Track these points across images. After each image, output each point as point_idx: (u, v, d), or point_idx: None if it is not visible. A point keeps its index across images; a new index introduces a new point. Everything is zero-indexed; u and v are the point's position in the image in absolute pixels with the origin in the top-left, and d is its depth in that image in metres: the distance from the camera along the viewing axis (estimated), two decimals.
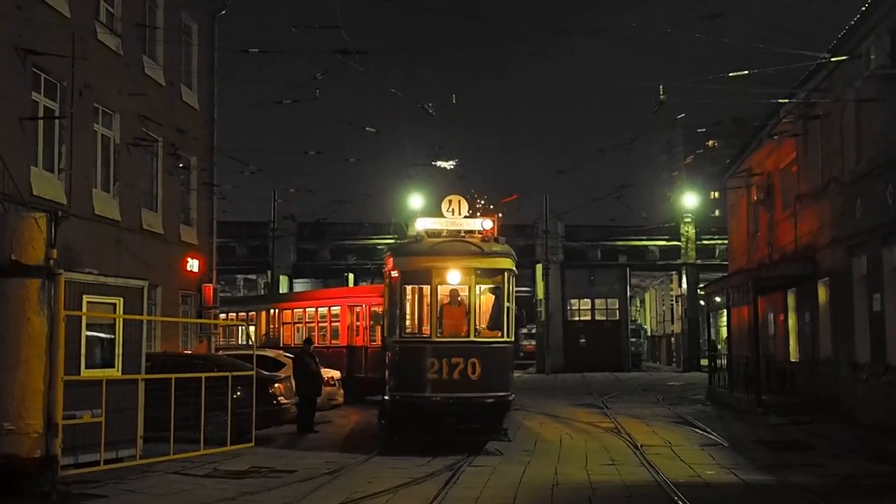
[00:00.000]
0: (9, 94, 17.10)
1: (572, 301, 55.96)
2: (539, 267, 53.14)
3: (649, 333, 70.19)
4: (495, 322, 17.75)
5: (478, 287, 17.67)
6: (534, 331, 56.94)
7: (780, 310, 28.75)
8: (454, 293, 17.72)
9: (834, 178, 22.66)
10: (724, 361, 30.92)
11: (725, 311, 33.08)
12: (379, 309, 23.85)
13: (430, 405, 16.80)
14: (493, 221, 18.15)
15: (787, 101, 24.35)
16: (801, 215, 25.61)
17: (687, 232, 54.31)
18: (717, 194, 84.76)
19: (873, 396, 19.83)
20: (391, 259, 18.25)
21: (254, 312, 36.89)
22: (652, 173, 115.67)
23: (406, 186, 32.38)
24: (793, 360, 27.11)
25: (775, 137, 26.93)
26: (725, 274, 36.01)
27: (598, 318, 56.21)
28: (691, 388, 35.51)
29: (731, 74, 19.44)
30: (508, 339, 17.77)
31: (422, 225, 18.23)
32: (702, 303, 51.59)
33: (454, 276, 17.40)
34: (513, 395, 18.25)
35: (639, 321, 71.19)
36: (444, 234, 18.03)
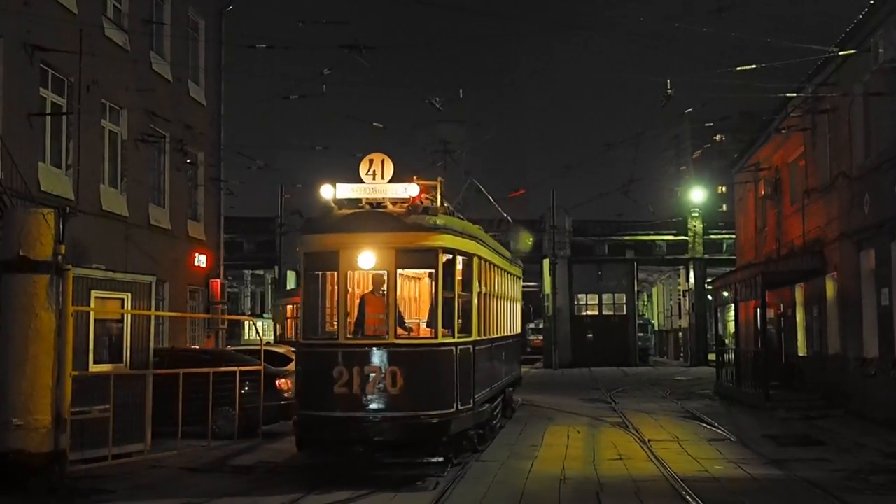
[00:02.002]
0: (17, 90, 17.14)
1: (579, 296, 55.89)
2: (546, 262, 53.10)
3: (657, 328, 70.06)
4: (432, 318, 14.16)
5: (401, 272, 14.36)
6: (541, 326, 56.90)
7: (788, 304, 28.69)
8: (378, 281, 14.10)
9: (842, 173, 22.59)
10: (732, 356, 30.86)
11: (733, 306, 32.99)
12: None
13: (336, 428, 12.95)
14: (422, 187, 14.08)
15: (794, 95, 24.28)
16: (809, 210, 25.54)
17: (694, 227, 54.18)
18: (724, 189, 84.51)
19: (882, 391, 19.78)
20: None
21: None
22: (659, 168, 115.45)
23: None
24: (801, 354, 27.06)
25: (783, 132, 26.88)
26: (733, 269, 35.91)
27: (605, 312, 56.14)
28: (699, 382, 35.46)
29: (738, 69, 19.39)
30: (451, 341, 13.80)
31: (328, 193, 13.93)
32: (709, 297, 51.45)
33: (366, 259, 13.43)
34: (470, 413, 14.25)
35: (646, 316, 71.05)
36: (364, 204, 14.00)
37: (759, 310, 26.67)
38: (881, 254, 20.07)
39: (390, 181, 13.97)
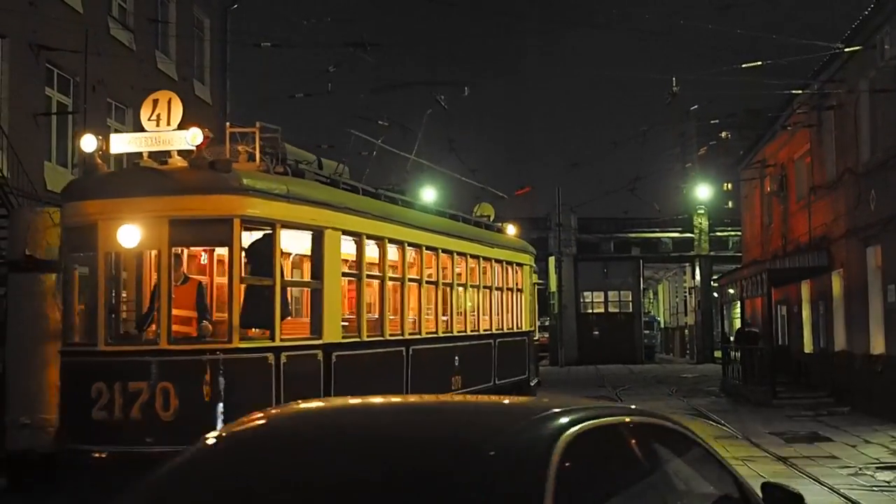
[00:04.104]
0: (23, 89, 17.18)
1: (585, 293, 55.86)
2: (552, 259, 53.08)
3: (663, 325, 70.02)
4: (230, 314, 10.15)
5: (175, 252, 10.43)
6: (547, 323, 56.96)
7: (794, 301, 28.65)
8: (175, 261, 10.50)
9: (848, 169, 22.55)
10: (738, 353, 30.83)
11: (739, 303, 32.97)
12: None
13: (95, 468, 9.47)
14: (204, 132, 10.03)
15: (800, 91, 24.24)
16: (816, 206, 25.49)
17: (700, 224, 54.12)
18: (730, 186, 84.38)
19: (889, 388, 19.74)
20: None
21: None
22: (665, 165, 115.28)
23: (419, 179, 32.33)
24: (807, 351, 27.03)
25: (789, 128, 26.85)
26: (739, 266, 35.89)
27: (611, 310, 56.12)
28: (705, 379, 35.42)
29: (744, 66, 19.36)
30: (258, 345, 10.17)
31: (91, 145, 10.34)
32: (715, 295, 51.44)
33: (128, 235, 9.68)
34: None
35: (652, 313, 71.01)
36: (146, 159, 10.42)
37: (765, 307, 26.64)
38: (888, 250, 20.03)
39: (180, 128, 10.16)
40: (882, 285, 20.37)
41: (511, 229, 20.16)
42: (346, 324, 12.27)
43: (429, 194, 32.65)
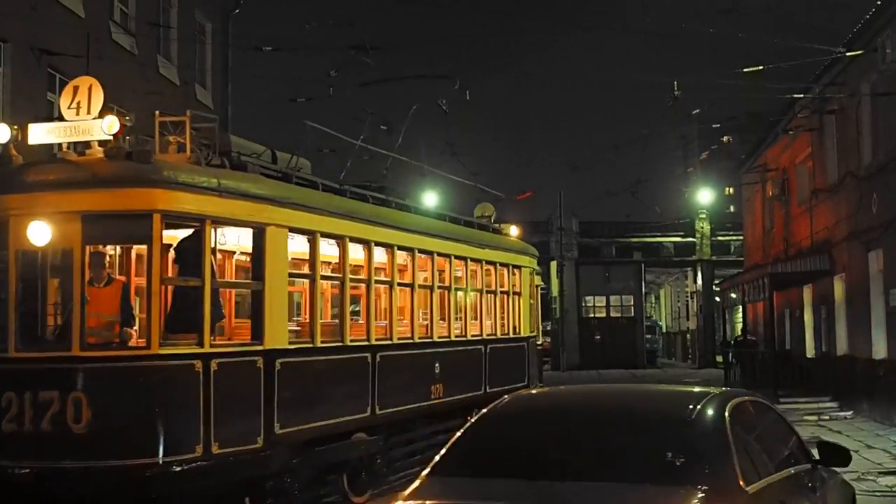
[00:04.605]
0: (24, 93, 17.19)
1: (587, 298, 55.78)
2: (553, 264, 53.06)
3: (664, 330, 69.96)
4: (149, 318, 9.24)
5: (90, 248, 9.50)
6: (548, 328, 56.93)
7: (796, 305, 28.63)
8: (97, 262, 9.79)
9: (850, 173, 22.54)
10: (737, 359, 30.78)
11: (741, 308, 32.93)
12: None
13: (5, 485, 8.79)
14: (121, 120, 9.67)
15: (802, 95, 24.25)
16: (817, 210, 25.49)
17: (702, 228, 54.10)
18: (731, 190, 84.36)
19: (891, 392, 19.72)
20: None
21: None
22: (667, 168, 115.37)
23: (420, 184, 32.36)
24: (809, 355, 27.00)
25: (790, 132, 26.85)
26: (741, 270, 35.87)
27: (613, 314, 56.03)
28: (706, 384, 35.34)
29: (745, 70, 19.35)
30: (181, 351, 9.29)
31: (4, 135, 9.74)
32: (717, 299, 51.41)
33: (39, 232, 8.98)
34: (218, 462, 9.27)
35: (654, 318, 70.97)
36: (65, 151, 9.78)
37: (766, 311, 26.61)
38: (889, 254, 20.01)
39: (100, 117, 9.63)
40: (884, 289, 20.35)
41: (514, 230, 19.49)
42: (299, 328, 11.79)
43: (430, 199, 32.73)
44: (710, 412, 5.67)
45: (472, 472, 5.44)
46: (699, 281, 54.50)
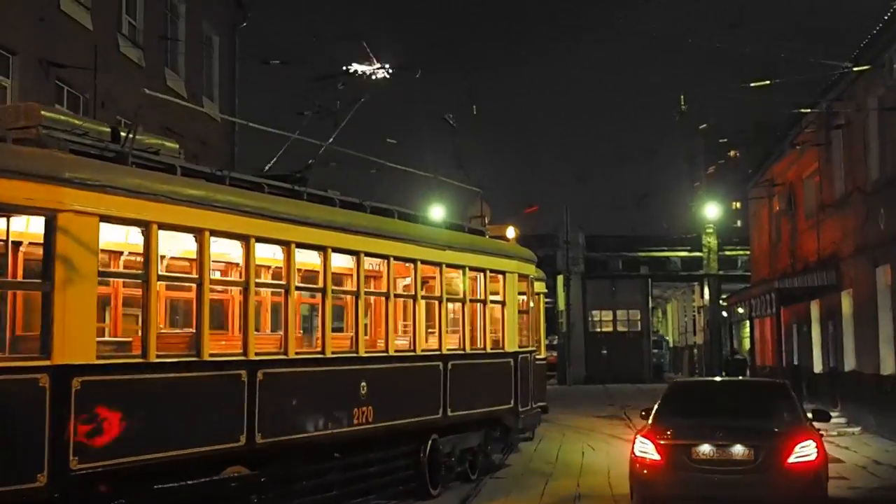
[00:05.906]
0: None
1: (594, 312, 55.71)
2: (560, 278, 52.99)
3: (671, 345, 69.81)
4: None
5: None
6: (555, 342, 56.81)
7: (803, 320, 28.53)
8: None
9: (857, 188, 22.49)
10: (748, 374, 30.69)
11: (748, 322, 32.83)
12: None
13: None
14: None
15: (809, 110, 24.22)
16: (824, 225, 25.42)
17: (709, 242, 54.04)
18: (738, 205, 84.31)
19: None
20: None
21: None
22: (673, 182, 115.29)
23: (427, 197, 32.38)
24: (816, 371, 26.89)
25: (797, 147, 26.81)
26: (748, 285, 35.78)
27: (619, 329, 55.95)
28: None
29: (752, 84, 19.34)
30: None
31: None
32: (724, 314, 51.29)
33: None
34: None
35: (661, 332, 70.83)
36: None
37: (774, 326, 26.52)
38: None
39: None
40: (891, 304, 20.26)
41: (510, 231, 17.35)
42: (130, 340, 9.96)
43: (436, 212, 32.74)
44: (781, 388, 12.57)
45: (682, 415, 11.83)
46: (706, 295, 54.40)
